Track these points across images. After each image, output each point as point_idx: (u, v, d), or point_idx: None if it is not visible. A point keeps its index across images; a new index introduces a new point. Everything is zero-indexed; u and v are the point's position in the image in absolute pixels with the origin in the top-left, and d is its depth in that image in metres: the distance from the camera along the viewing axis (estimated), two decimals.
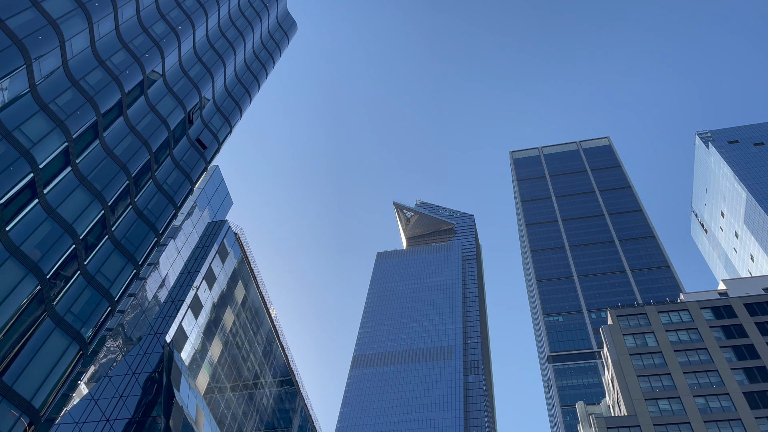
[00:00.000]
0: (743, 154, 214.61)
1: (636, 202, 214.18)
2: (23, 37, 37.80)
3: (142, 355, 71.62)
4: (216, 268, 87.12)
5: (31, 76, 38.38)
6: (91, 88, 43.44)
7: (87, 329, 41.13)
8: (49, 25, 39.89)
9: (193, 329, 79.83)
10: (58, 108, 40.24)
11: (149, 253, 48.44)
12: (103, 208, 43.21)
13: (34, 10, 39.25)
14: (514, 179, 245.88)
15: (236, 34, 68.50)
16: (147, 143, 49.10)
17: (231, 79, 66.65)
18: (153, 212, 49.10)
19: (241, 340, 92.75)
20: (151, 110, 50.36)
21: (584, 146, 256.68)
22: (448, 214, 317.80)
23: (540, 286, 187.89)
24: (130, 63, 48.09)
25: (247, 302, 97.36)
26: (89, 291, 41.35)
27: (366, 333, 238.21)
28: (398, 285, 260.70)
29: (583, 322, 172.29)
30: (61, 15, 41.14)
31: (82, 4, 43.35)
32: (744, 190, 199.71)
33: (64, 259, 39.49)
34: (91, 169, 42.76)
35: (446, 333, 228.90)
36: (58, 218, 39.27)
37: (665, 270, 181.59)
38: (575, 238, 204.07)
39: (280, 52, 79.69)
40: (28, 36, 38.13)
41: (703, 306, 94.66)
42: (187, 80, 56.71)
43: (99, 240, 43.05)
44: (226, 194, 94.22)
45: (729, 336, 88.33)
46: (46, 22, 39.83)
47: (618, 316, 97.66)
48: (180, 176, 53.60)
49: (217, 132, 61.14)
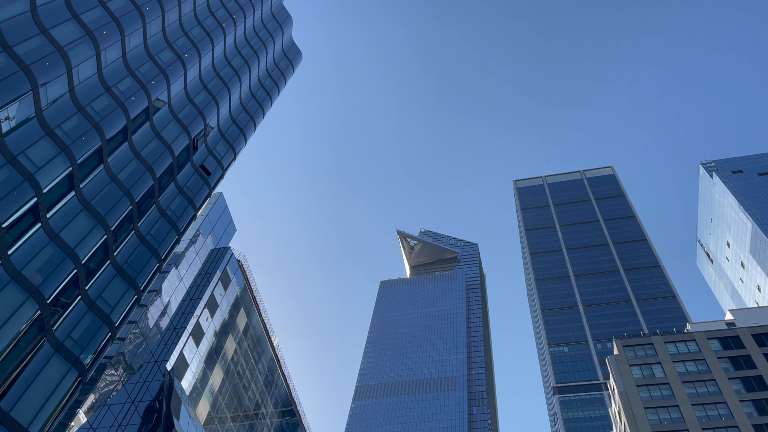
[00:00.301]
0: (748, 184, 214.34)
1: (640, 231, 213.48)
2: (30, 63, 38.23)
3: (142, 384, 70.84)
4: (218, 295, 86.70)
5: (37, 101, 38.72)
6: (97, 114, 43.77)
7: (86, 355, 40.71)
8: (56, 52, 40.37)
9: (194, 357, 79.10)
10: (63, 133, 40.49)
11: (151, 279, 48.21)
12: (105, 233, 43.15)
13: (42, 37, 39.77)
14: (518, 208, 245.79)
15: (242, 62, 69.28)
16: (151, 169, 49.26)
17: (236, 106, 67.18)
18: (156, 238, 49.02)
19: (243, 369, 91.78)
20: (155, 136, 50.65)
21: (588, 175, 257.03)
22: (452, 242, 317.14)
23: (545, 316, 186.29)
24: (137, 90, 48.54)
25: (249, 330, 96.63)
26: (90, 316, 41.05)
27: (369, 363, 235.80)
28: (402, 314, 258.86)
29: (588, 352, 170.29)
30: (69, 42, 41.68)
31: (90, 32, 43.94)
32: (749, 220, 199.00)
33: (65, 284, 39.29)
34: (94, 194, 42.84)
35: (450, 363, 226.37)
36: (61, 243, 39.19)
37: (671, 300, 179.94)
38: (580, 267, 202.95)
39: (285, 80, 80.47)
40: (35, 62, 38.57)
41: (711, 336, 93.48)
42: (192, 107, 57.17)
43: (101, 265, 42.90)
44: (230, 221, 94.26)
45: (737, 367, 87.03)
46: (54, 49, 40.32)
47: (624, 346, 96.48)
48: (183, 202, 53.67)
49: (221, 158, 61.40)
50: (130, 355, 69.25)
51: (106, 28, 45.49)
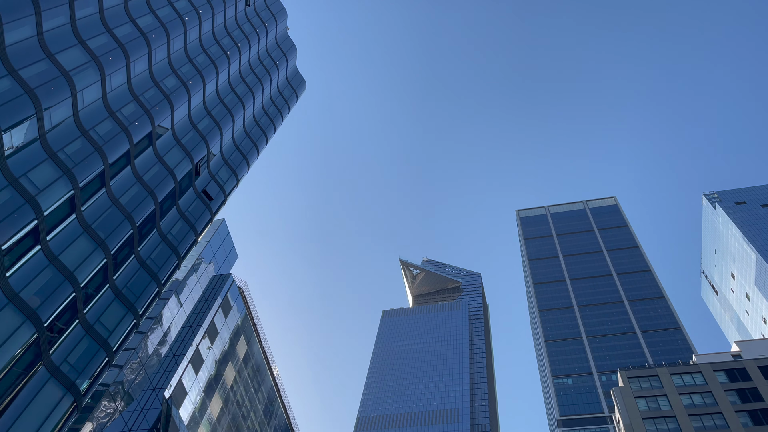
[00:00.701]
0: (751, 216, 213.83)
1: (644, 262, 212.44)
2: (35, 87, 38.57)
3: (139, 412, 69.86)
4: (218, 322, 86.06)
5: (41, 124, 38.95)
6: (101, 138, 43.99)
7: (82, 380, 40.18)
8: (61, 76, 40.76)
9: (194, 385, 78.15)
10: (66, 156, 40.65)
11: (150, 304, 47.86)
12: (105, 257, 42.98)
13: (48, 62, 40.20)
14: (521, 238, 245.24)
15: (246, 90, 69.92)
16: (153, 193, 49.31)
17: (239, 133, 67.61)
18: (156, 262, 48.82)
19: (242, 398, 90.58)
20: (158, 161, 50.82)
21: (591, 206, 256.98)
22: (454, 272, 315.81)
23: (548, 347, 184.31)
24: (140, 115, 48.89)
25: (249, 358, 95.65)
26: (87, 341, 40.64)
27: (370, 394, 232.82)
28: (404, 344, 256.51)
29: (593, 384, 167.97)
30: (75, 67, 42.12)
31: (96, 57, 44.44)
32: (753, 251, 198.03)
33: (63, 308, 38.99)
34: (95, 217, 42.80)
35: (453, 395, 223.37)
36: (60, 266, 39.02)
37: (676, 332, 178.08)
38: (583, 297, 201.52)
39: (289, 108, 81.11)
40: (40, 86, 38.92)
41: (717, 368, 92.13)
42: (196, 133, 57.51)
43: (100, 289, 42.64)
44: (232, 248, 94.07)
45: (744, 400, 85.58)
46: (59, 73, 40.72)
47: (629, 377, 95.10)
48: (185, 227, 53.60)
49: (223, 184, 61.53)
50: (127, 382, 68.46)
51: (111, 54, 46.02)
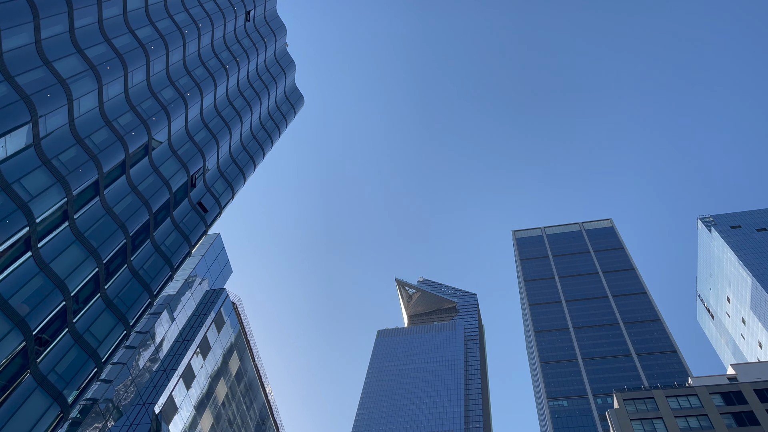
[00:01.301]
0: (746, 240, 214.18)
1: (640, 284, 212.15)
2: (32, 94, 38.51)
3: (128, 427, 68.88)
4: (211, 337, 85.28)
5: (36, 131, 38.83)
6: (96, 147, 43.87)
7: (70, 391, 39.55)
8: (58, 84, 40.75)
9: (184, 400, 77.17)
10: (60, 164, 40.47)
11: (141, 315, 47.36)
12: (97, 266, 42.60)
13: (45, 69, 40.21)
14: (517, 259, 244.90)
15: (244, 104, 70.08)
16: (147, 203, 49.08)
17: (236, 146, 67.60)
18: (149, 273, 48.42)
19: (234, 414, 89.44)
20: (154, 171, 50.68)
21: (587, 227, 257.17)
22: (450, 292, 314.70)
23: (544, 369, 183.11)
24: (137, 125, 48.83)
25: (242, 375, 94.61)
26: (76, 350, 40.08)
27: (364, 415, 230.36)
28: (399, 365, 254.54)
29: (588, 407, 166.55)
30: (72, 75, 42.13)
31: (94, 66, 44.49)
32: (749, 275, 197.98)
33: (52, 316, 38.51)
34: (88, 225, 42.50)
35: (447, 417, 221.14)
36: (51, 273, 38.62)
37: (672, 355, 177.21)
38: (579, 319, 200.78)
39: (287, 123, 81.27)
40: (36, 93, 38.87)
41: (713, 391, 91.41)
42: (192, 145, 57.45)
43: (90, 298, 42.18)
44: (226, 262, 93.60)
45: (740, 423, 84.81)
46: (56, 81, 40.72)
47: (625, 399, 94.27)
48: (179, 238, 53.28)
49: (219, 196, 61.34)
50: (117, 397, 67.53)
51: (109, 64, 46.09)
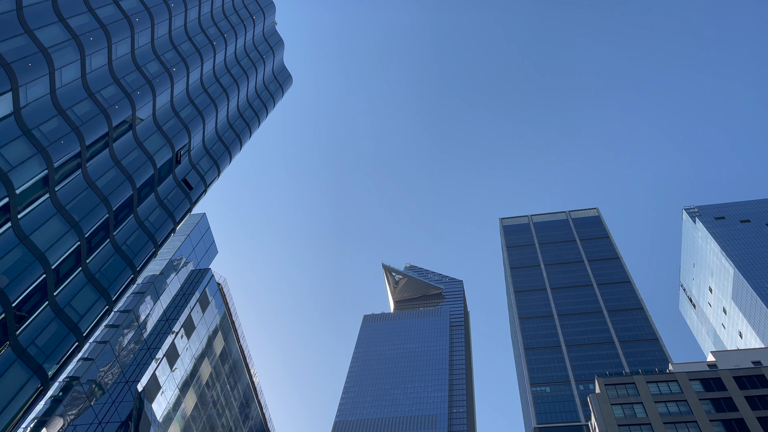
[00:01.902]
0: (730, 231, 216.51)
1: (624, 273, 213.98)
2: (12, 62, 37.74)
3: (111, 404, 68.59)
4: (196, 316, 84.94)
5: (16, 100, 38.11)
6: (78, 119, 43.17)
7: (50, 364, 39.18)
8: (40, 53, 39.95)
9: (168, 379, 76.96)
10: (41, 135, 39.79)
11: (124, 290, 46.94)
12: (79, 239, 42.08)
13: (27, 38, 39.39)
14: (504, 246, 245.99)
15: (231, 81, 69.28)
16: (131, 178, 48.49)
17: (222, 124, 66.90)
18: (132, 248, 47.94)
19: (217, 394, 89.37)
20: (138, 146, 50.03)
21: (573, 216, 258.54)
22: (437, 278, 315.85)
23: (528, 355, 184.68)
24: (120, 98, 48.10)
25: (226, 355, 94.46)
26: (56, 324, 39.67)
27: (349, 398, 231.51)
28: (384, 349, 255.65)
29: (570, 393, 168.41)
30: (54, 44, 41.32)
31: (76, 36, 43.66)
32: (731, 266, 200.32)
33: (32, 289, 38.04)
34: (70, 198, 41.91)
35: (431, 401, 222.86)
36: (31, 245, 38.10)
37: (654, 343, 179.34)
38: (564, 307, 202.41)
39: (274, 102, 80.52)
40: (17, 61, 38.09)
41: (693, 377, 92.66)
42: (178, 120, 56.75)
43: (72, 272, 41.71)
44: (212, 242, 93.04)
45: (719, 409, 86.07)
46: (38, 49, 39.92)
47: (606, 385, 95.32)
48: (163, 214, 52.76)
49: (204, 174, 60.76)
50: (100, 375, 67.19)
51: (93, 35, 45.27)
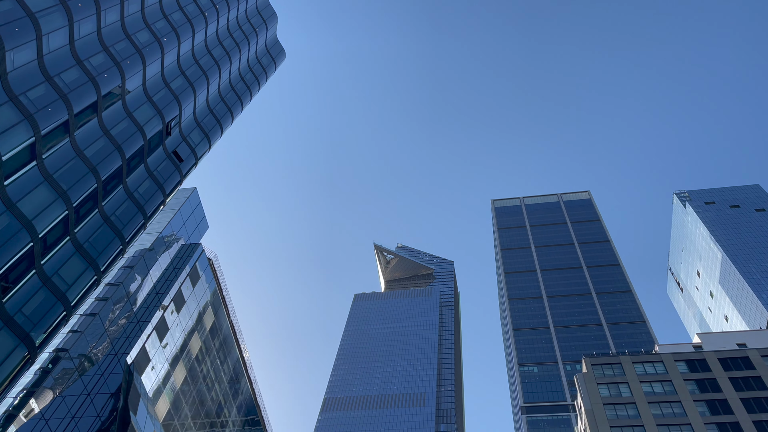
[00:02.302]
0: (720, 216, 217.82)
1: (614, 256, 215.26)
2: None
3: (99, 376, 68.69)
4: (186, 291, 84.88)
5: (2, 65, 37.44)
6: (66, 86, 42.54)
7: (38, 333, 39.06)
8: (27, 18, 39.20)
9: (157, 352, 77.09)
10: (28, 101, 39.20)
11: (113, 261, 46.71)
12: (67, 209, 41.72)
13: (13, 2, 38.62)
14: (495, 227, 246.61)
15: (223, 53, 68.43)
16: (120, 148, 47.99)
17: (214, 96, 66.19)
18: (121, 219, 47.61)
19: (207, 369, 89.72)
20: (127, 116, 49.44)
21: (565, 198, 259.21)
22: (428, 259, 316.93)
23: (516, 336, 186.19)
24: (110, 66, 47.40)
25: (216, 330, 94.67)
26: (44, 292, 39.47)
27: (339, 375, 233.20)
28: (374, 328, 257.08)
29: (558, 373, 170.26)
30: (41, 9, 40.54)
31: (64, 1, 42.85)
32: (720, 250, 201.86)
33: (19, 257, 37.75)
34: (57, 167, 41.46)
35: (420, 379, 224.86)
36: (18, 213, 37.72)
37: (641, 325, 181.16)
38: (553, 288, 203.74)
39: (267, 76, 79.70)
40: (4, 25, 37.36)
41: (678, 359, 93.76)
42: (168, 91, 56.08)
43: (59, 241, 41.40)
44: (202, 217, 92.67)
45: (703, 390, 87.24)
46: (24, 14, 39.17)
47: (593, 364, 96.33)
48: (153, 186, 52.36)
49: (195, 146, 60.25)
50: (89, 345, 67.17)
51: (81, 1, 44.44)
